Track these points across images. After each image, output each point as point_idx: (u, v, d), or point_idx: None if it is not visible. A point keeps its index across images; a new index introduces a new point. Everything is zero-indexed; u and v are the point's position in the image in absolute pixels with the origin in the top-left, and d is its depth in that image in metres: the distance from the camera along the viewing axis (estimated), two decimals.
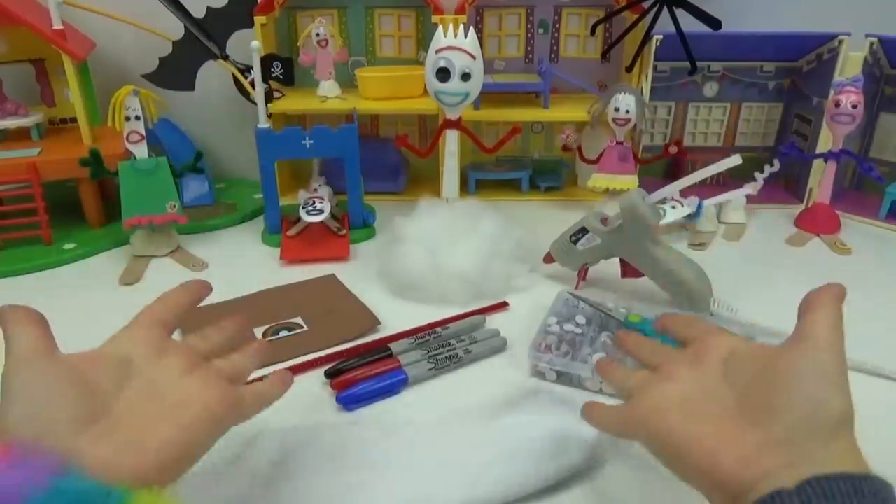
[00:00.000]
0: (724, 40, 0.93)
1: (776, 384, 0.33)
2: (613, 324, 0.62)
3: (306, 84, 1.00)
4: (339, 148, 0.84)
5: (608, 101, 0.91)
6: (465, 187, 1.01)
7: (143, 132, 0.79)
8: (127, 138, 0.79)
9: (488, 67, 0.99)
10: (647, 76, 0.93)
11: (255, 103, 0.82)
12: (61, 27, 0.84)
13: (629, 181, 0.93)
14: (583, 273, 0.73)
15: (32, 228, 0.83)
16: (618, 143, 0.93)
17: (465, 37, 0.77)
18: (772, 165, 0.91)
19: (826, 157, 0.89)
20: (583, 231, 0.70)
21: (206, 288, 0.45)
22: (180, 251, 0.84)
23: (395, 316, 0.67)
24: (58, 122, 0.99)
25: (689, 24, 0.87)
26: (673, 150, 0.97)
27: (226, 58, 0.94)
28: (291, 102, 0.98)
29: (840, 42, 0.89)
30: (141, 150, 0.80)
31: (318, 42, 0.94)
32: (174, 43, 0.93)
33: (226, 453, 0.49)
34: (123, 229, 0.80)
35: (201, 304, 0.45)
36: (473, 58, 0.78)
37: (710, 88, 1.03)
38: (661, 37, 0.90)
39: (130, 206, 0.80)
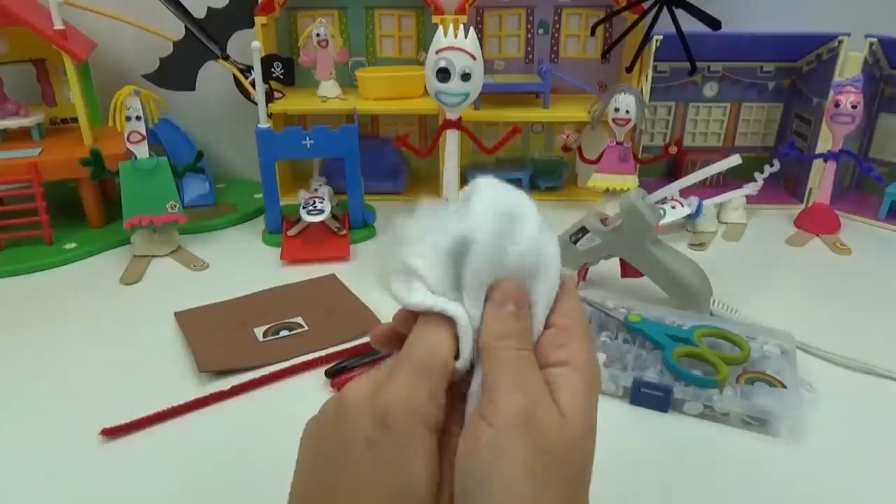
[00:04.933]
0: (724, 40, 0.93)
1: None
2: (613, 324, 0.62)
3: (307, 84, 1.01)
4: (339, 148, 0.84)
5: (608, 102, 0.91)
6: (465, 187, 1.01)
7: (144, 132, 0.79)
8: (128, 138, 0.79)
9: (488, 68, 0.99)
10: (647, 76, 0.93)
11: (255, 103, 0.82)
12: (62, 27, 0.84)
13: (629, 181, 0.94)
14: (583, 273, 0.73)
15: (33, 228, 0.84)
16: (618, 143, 0.93)
17: (466, 37, 0.77)
18: (772, 165, 0.91)
19: (826, 157, 0.89)
20: (583, 231, 0.70)
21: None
22: (181, 251, 0.84)
23: None
24: (59, 122, 1.00)
25: (689, 24, 0.87)
26: (673, 150, 0.97)
27: (226, 58, 0.94)
28: (292, 102, 0.98)
29: (840, 42, 0.89)
30: (141, 150, 0.80)
31: (319, 42, 0.94)
32: (175, 43, 0.93)
33: (229, 453, 0.49)
34: (124, 229, 0.81)
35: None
36: (473, 58, 0.78)
37: (710, 88, 1.03)
38: (661, 37, 0.90)
39: (131, 205, 0.80)
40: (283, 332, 0.65)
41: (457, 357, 0.27)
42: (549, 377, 0.27)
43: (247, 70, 0.94)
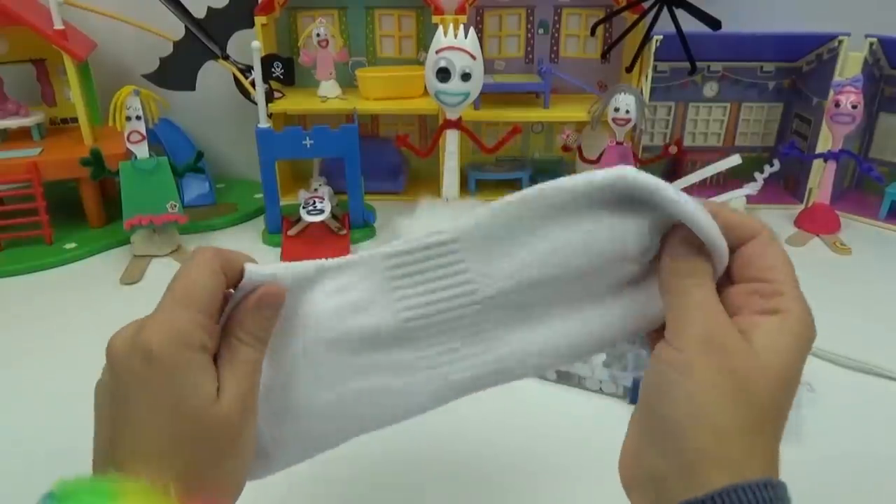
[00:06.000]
0: (724, 40, 0.93)
1: (652, 413, 0.28)
2: None
3: (307, 84, 1.01)
4: (339, 148, 0.84)
5: (608, 102, 0.91)
6: (465, 187, 1.01)
7: (144, 132, 0.79)
8: (128, 138, 0.79)
9: (488, 67, 0.99)
10: (647, 76, 0.93)
11: (255, 103, 0.82)
12: (62, 27, 0.84)
13: None
14: None
15: (33, 228, 0.84)
16: (618, 143, 0.93)
17: (466, 37, 0.78)
18: (772, 165, 0.91)
19: (826, 157, 0.89)
20: None
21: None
22: (181, 251, 0.84)
23: None
24: (59, 122, 1.00)
25: (689, 24, 0.87)
26: (673, 150, 0.97)
27: (226, 58, 0.94)
28: (292, 102, 0.98)
29: (840, 42, 0.89)
30: (142, 150, 0.80)
31: (319, 42, 0.94)
32: (175, 43, 0.93)
33: None
34: (124, 229, 0.81)
35: None
36: (474, 58, 0.78)
37: (710, 88, 1.03)
38: (661, 37, 0.90)
39: (131, 205, 0.80)
40: None
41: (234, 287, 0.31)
42: (751, 322, 0.27)
43: (247, 70, 0.94)
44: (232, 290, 0.31)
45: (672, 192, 0.28)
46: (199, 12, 0.93)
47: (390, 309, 0.32)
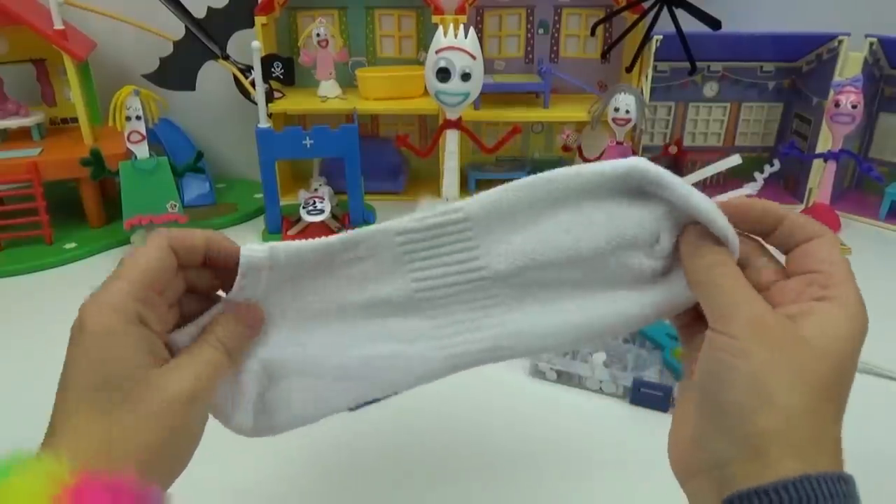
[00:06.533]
0: (724, 40, 0.93)
1: (710, 393, 0.28)
2: None
3: (307, 84, 1.01)
4: (339, 148, 0.84)
5: (608, 101, 0.91)
6: (465, 187, 1.01)
7: (144, 132, 0.79)
8: (128, 138, 0.79)
9: (488, 67, 0.99)
10: (647, 76, 0.93)
11: (255, 103, 0.82)
12: (62, 27, 0.84)
13: None
14: None
15: (33, 228, 0.84)
16: (618, 143, 0.93)
17: (466, 37, 0.77)
18: (772, 165, 0.91)
19: (826, 157, 0.89)
20: None
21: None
22: None
23: None
24: (59, 122, 1.00)
25: (689, 24, 0.87)
26: (673, 150, 0.98)
27: (226, 58, 0.94)
28: (292, 102, 0.98)
29: (840, 42, 0.89)
30: (142, 150, 0.80)
31: (319, 42, 0.94)
32: (175, 43, 0.93)
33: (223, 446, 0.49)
34: (124, 229, 0.80)
35: None
36: (473, 58, 0.78)
37: (710, 88, 1.03)
38: (661, 37, 0.90)
39: (131, 205, 0.80)
40: None
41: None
42: (807, 307, 0.27)
43: (247, 70, 0.94)
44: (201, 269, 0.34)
45: (681, 186, 0.29)
46: (199, 12, 0.93)
47: (402, 280, 0.33)
